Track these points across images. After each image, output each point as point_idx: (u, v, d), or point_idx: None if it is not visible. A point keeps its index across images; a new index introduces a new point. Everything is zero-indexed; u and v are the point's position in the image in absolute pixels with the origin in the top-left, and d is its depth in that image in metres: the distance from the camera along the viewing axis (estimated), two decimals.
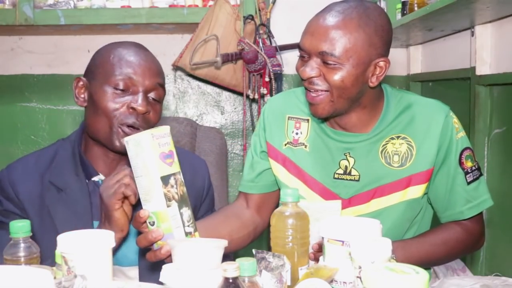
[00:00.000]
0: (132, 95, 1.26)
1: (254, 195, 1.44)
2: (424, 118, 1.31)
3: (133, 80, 1.26)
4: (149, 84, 1.28)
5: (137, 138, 1.04)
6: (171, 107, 2.66)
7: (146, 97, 1.28)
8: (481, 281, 1.09)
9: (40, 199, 1.28)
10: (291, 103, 1.42)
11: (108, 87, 1.26)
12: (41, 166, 1.32)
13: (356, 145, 1.32)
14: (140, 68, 1.28)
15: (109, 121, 1.25)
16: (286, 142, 1.40)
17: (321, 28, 1.21)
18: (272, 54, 2.32)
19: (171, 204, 1.03)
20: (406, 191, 1.29)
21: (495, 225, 1.95)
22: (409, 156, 1.29)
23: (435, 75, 2.39)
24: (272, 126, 1.42)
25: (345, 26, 1.19)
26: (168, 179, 1.03)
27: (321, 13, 1.24)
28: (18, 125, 2.62)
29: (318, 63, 1.22)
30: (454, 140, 1.30)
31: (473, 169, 1.31)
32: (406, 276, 0.75)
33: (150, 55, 1.34)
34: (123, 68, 1.26)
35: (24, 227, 0.96)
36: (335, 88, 1.22)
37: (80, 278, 0.80)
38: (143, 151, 1.03)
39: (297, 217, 1.00)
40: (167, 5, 2.39)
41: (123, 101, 1.25)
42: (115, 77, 1.26)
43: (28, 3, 2.30)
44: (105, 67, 1.28)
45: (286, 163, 1.39)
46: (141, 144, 1.03)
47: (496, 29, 1.90)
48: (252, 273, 0.83)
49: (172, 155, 1.06)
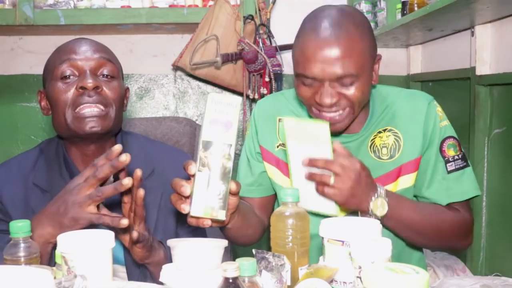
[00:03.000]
0: (79, 77, 1.25)
1: (256, 198, 1.45)
2: (407, 108, 1.32)
3: (74, 63, 1.24)
4: (93, 62, 1.26)
5: (208, 97, 1.03)
6: (171, 107, 2.67)
7: (95, 75, 1.25)
8: (481, 281, 1.09)
9: (25, 202, 1.25)
10: (281, 105, 1.43)
11: (56, 80, 1.25)
12: (24, 169, 1.30)
13: (347, 145, 1.33)
14: (79, 50, 1.26)
15: (67, 110, 1.23)
16: (278, 144, 1.40)
17: (330, 53, 1.17)
18: (272, 54, 2.33)
19: (203, 170, 0.99)
20: (398, 182, 1.31)
21: (495, 225, 1.95)
22: (397, 147, 1.31)
23: (435, 75, 2.40)
24: (264, 129, 1.42)
25: (349, 43, 1.17)
26: (209, 145, 0.99)
27: (316, 36, 1.19)
28: (18, 125, 2.62)
29: (334, 87, 1.20)
30: (437, 128, 1.31)
31: (456, 159, 1.31)
32: (406, 276, 0.75)
33: (89, 39, 1.33)
34: (63, 56, 1.26)
35: (24, 227, 0.95)
36: (357, 101, 1.22)
37: (80, 278, 0.80)
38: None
39: (297, 217, 1.00)
40: (167, 5, 2.39)
41: (72, 86, 1.24)
42: (58, 67, 1.25)
43: (28, 3, 2.30)
44: (49, 66, 1.28)
45: (279, 165, 1.40)
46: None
47: (496, 29, 1.90)
48: (252, 273, 0.83)
49: (227, 125, 1.01)
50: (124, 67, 1.39)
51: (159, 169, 1.36)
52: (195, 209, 0.99)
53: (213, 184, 0.99)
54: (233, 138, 1.00)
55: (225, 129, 1.00)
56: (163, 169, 1.36)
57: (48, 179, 1.28)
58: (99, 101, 1.23)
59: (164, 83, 2.67)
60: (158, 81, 2.67)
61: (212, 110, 1.01)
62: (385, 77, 2.60)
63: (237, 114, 1.01)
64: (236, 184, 1.02)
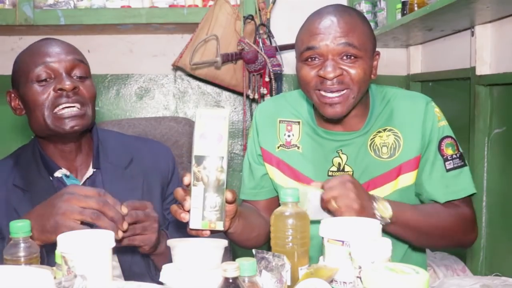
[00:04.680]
0: (55, 79, 1.28)
1: (260, 201, 1.46)
2: (406, 108, 1.35)
3: (50, 66, 1.28)
4: (67, 64, 1.30)
5: (196, 113, 1.05)
6: (171, 107, 2.66)
7: (71, 76, 1.30)
8: (481, 281, 1.09)
9: (7, 204, 1.28)
10: (282, 107, 1.44)
11: (32, 83, 1.28)
12: (3, 172, 1.33)
13: (346, 142, 1.35)
14: (53, 53, 1.30)
15: (46, 111, 1.26)
16: (278, 145, 1.42)
17: (333, 25, 1.24)
18: (272, 54, 2.33)
19: (197, 184, 1.02)
20: (398, 180, 1.32)
21: (495, 225, 1.95)
22: (397, 146, 1.33)
23: (435, 75, 2.39)
24: (264, 131, 1.44)
25: (353, 20, 1.25)
26: (202, 160, 1.02)
27: (320, 16, 1.27)
28: (18, 125, 2.62)
29: (337, 61, 1.25)
30: (436, 128, 1.33)
31: (454, 157, 1.33)
32: (406, 276, 0.75)
33: (60, 41, 1.36)
34: (37, 59, 1.29)
35: (24, 227, 0.95)
36: (357, 83, 1.25)
37: (80, 278, 0.80)
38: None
39: (297, 217, 1.00)
40: (167, 5, 2.39)
41: (50, 88, 1.27)
42: (34, 71, 1.28)
43: (28, 3, 2.30)
44: (22, 68, 1.31)
45: (280, 166, 1.41)
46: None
47: (496, 29, 1.90)
48: (252, 273, 0.83)
49: (218, 138, 1.03)
50: (124, 67, 1.41)
51: (137, 157, 1.42)
52: (194, 223, 1.02)
53: (208, 198, 1.02)
54: (225, 150, 1.03)
55: (216, 142, 1.03)
56: (141, 157, 1.42)
57: (27, 179, 1.31)
58: (77, 101, 1.28)
59: (164, 83, 2.67)
60: (158, 81, 2.66)
61: (202, 124, 1.03)
62: (385, 77, 2.60)
63: (227, 126, 1.04)
64: (231, 193, 1.05)
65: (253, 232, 1.30)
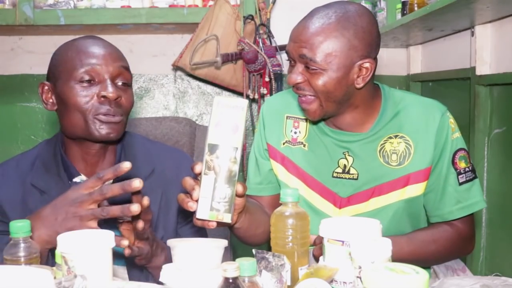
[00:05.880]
0: (99, 84, 1.25)
1: (265, 197, 1.44)
2: (421, 117, 1.31)
3: (96, 69, 1.24)
4: (113, 70, 1.26)
5: (214, 100, 1.02)
6: (171, 107, 2.67)
7: (114, 83, 1.26)
8: (481, 281, 1.09)
9: (23, 203, 1.26)
10: (290, 103, 1.43)
11: (74, 82, 1.24)
12: (22, 169, 1.30)
13: (354, 144, 1.33)
14: (100, 56, 1.26)
15: (83, 115, 1.23)
16: (284, 141, 1.40)
17: (302, 35, 1.24)
18: (272, 54, 2.33)
19: (208, 174, 0.99)
20: (405, 190, 1.30)
21: (495, 225, 1.95)
22: (407, 154, 1.30)
23: (435, 75, 2.40)
24: (271, 126, 1.42)
25: (323, 31, 1.22)
26: (215, 148, 0.99)
27: (304, 19, 1.27)
28: (18, 125, 2.62)
29: (302, 69, 1.26)
30: (449, 140, 1.30)
31: (467, 170, 1.31)
32: (406, 276, 0.75)
33: (107, 43, 1.32)
34: (84, 60, 1.25)
35: (24, 227, 0.95)
36: (320, 93, 1.24)
37: (80, 278, 0.80)
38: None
39: (297, 217, 1.00)
40: (167, 5, 2.40)
41: (92, 92, 1.24)
42: (78, 70, 1.24)
43: (28, 3, 2.30)
44: (65, 64, 1.26)
45: (285, 162, 1.39)
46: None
47: (496, 29, 1.90)
48: (252, 273, 0.83)
49: (233, 128, 1.00)
50: None
51: (159, 168, 1.36)
52: (201, 212, 0.99)
53: (219, 188, 0.99)
54: (240, 141, 0.99)
55: (231, 132, 0.99)
56: (163, 168, 1.37)
57: (46, 180, 1.28)
58: (118, 112, 1.25)
59: (164, 83, 2.67)
60: (158, 81, 2.67)
61: (218, 113, 1.00)
62: (385, 77, 2.60)
63: (244, 117, 1.00)
64: (242, 186, 1.02)
65: (258, 228, 1.28)
